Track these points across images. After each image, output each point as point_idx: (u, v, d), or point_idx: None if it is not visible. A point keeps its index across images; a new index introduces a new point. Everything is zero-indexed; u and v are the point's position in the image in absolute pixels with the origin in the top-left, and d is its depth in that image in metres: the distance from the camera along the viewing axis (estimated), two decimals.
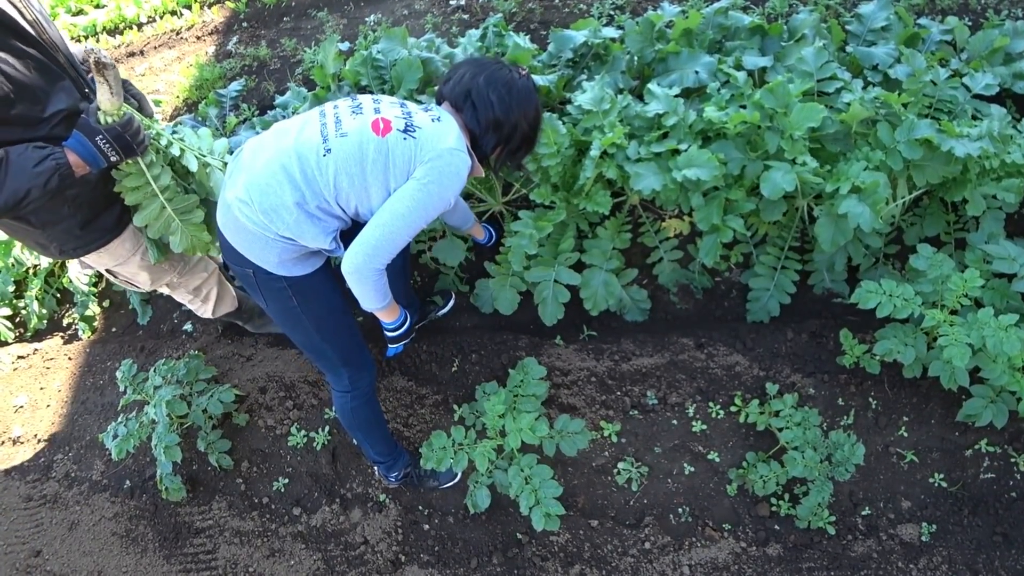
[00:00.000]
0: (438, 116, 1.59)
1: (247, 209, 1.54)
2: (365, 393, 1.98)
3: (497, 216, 2.56)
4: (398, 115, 1.55)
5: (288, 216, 1.52)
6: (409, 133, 1.53)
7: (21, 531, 2.65)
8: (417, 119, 1.56)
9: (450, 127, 1.57)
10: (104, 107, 1.50)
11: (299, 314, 1.75)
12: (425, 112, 1.59)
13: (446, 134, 1.55)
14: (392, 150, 1.51)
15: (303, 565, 2.29)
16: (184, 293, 2.21)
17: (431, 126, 1.55)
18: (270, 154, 1.55)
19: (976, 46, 2.46)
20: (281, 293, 1.70)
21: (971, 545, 2.01)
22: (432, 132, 1.54)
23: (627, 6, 3.13)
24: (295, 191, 1.51)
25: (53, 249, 1.75)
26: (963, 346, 1.84)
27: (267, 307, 1.79)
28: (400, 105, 1.60)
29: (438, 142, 1.53)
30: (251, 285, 1.73)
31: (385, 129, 1.52)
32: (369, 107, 1.58)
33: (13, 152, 1.41)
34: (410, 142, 1.52)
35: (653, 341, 2.36)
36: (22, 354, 3.19)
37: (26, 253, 3.05)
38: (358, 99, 1.63)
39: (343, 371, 1.90)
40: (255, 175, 1.54)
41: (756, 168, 2.11)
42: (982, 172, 2.09)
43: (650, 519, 2.15)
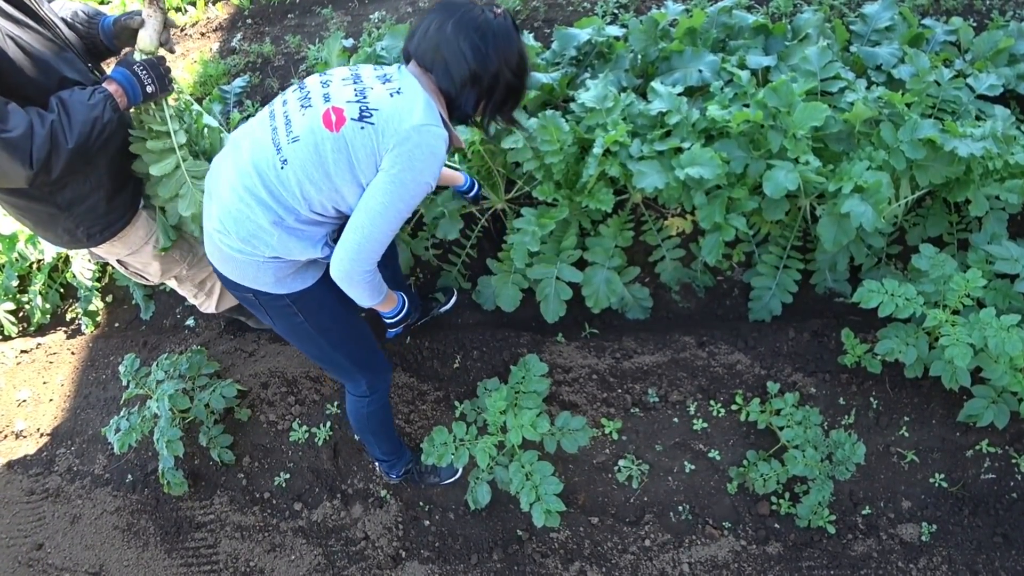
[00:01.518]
0: (398, 88, 1.38)
1: (227, 239, 1.47)
2: (382, 397, 1.94)
3: (499, 213, 2.56)
4: (351, 98, 1.37)
5: (270, 238, 1.44)
6: (366, 119, 1.34)
7: (23, 524, 2.66)
8: (373, 97, 1.36)
9: (414, 98, 1.36)
10: (143, 43, 1.62)
11: (308, 329, 1.67)
12: (383, 84, 1.39)
13: (409, 109, 1.35)
14: (351, 144, 1.35)
15: (304, 560, 2.30)
16: (190, 287, 2.22)
17: (390, 104, 1.35)
18: (231, 176, 1.45)
19: (980, 47, 2.46)
20: (285, 311, 1.62)
21: (971, 545, 2.01)
22: (392, 111, 1.34)
23: (631, 4, 3.13)
24: (268, 212, 1.41)
25: (81, 234, 1.77)
26: (965, 346, 1.84)
27: (275, 327, 1.73)
28: (353, 81, 1.41)
29: (401, 122, 1.34)
30: (254, 307, 1.66)
31: (339, 121, 1.35)
32: (318, 95, 1.40)
33: (64, 94, 1.49)
34: (368, 130, 1.34)
35: (655, 339, 2.36)
36: (25, 348, 3.20)
37: (30, 247, 3.06)
38: (306, 86, 1.45)
39: (361, 378, 1.85)
40: (224, 203, 1.45)
41: (759, 167, 2.11)
42: (985, 173, 2.09)
43: (650, 517, 2.15)
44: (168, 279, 2.12)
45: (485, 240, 2.64)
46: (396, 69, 1.44)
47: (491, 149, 2.31)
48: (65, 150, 1.47)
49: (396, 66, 1.46)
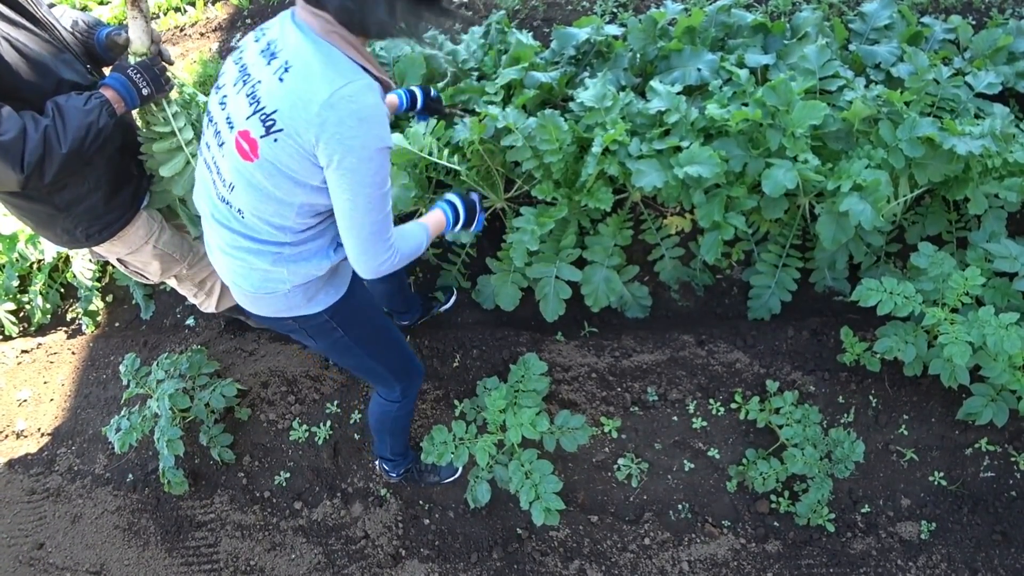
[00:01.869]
0: (284, 63, 1.15)
1: (246, 290, 1.44)
2: (411, 401, 1.94)
3: (499, 212, 2.56)
4: (248, 111, 1.20)
5: (280, 274, 1.38)
6: (272, 131, 1.16)
7: (24, 524, 2.66)
8: (266, 95, 1.17)
9: (306, 67, 1.13)
10: (134, 47, 1.61)
11: (348, 343, 1.62)
12: (269, 66, 1.18)
13: (307, 86, 1.12)
14: (276, 161, 1.19)
15: (304, 559, 2.30)
16: (190, 286, 2.22)
17: (284, 93, 1.14)
18: (215, 237, 1.41)
19: (979, 45, 2.45)
20: (325, 327, 1.56)
21: (970, 543, 2.01)
22: (290, 102, 1.14)
23: (629, 3, 3.13)
24: (261, 255, 1.35)
25: (80, 234, 1.78)
26: (964, 344, 1.84)
27: (315, 346, 1.69)
28: (243, 82, 1.22)
29: (306, 108, 1.12)
30: (296, 332, 1.61)
31: (252, 147, 1.20)
32: (223, 123, 1.26)
33: (61, 99, 1.50)
34: (282, 140, 1.16)
35: (654, 338, 2.37)
36: (26, 348, 3.21)
37: (31, 247, 3.06)
38: (213, 118, 1.31)
39: (397, 384, 1.82)
40: (223, 265, 1.43)
41: (758, 166, 2.11)
42: (984, 171, 2.09)
43: (650, 515, 2.16)
44: (168, 278, 2.12)
45: (484, 239, 2.64)
46: (280, 27, 1.22)
47: (490, 148, 2.31)
48: (58, 155, 1.47)
49: (279, 22, 1.23)
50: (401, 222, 2.60)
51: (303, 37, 1.16)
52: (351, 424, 2.44)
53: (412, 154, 2.18)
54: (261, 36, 1.25)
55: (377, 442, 2.09)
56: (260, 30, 1.27)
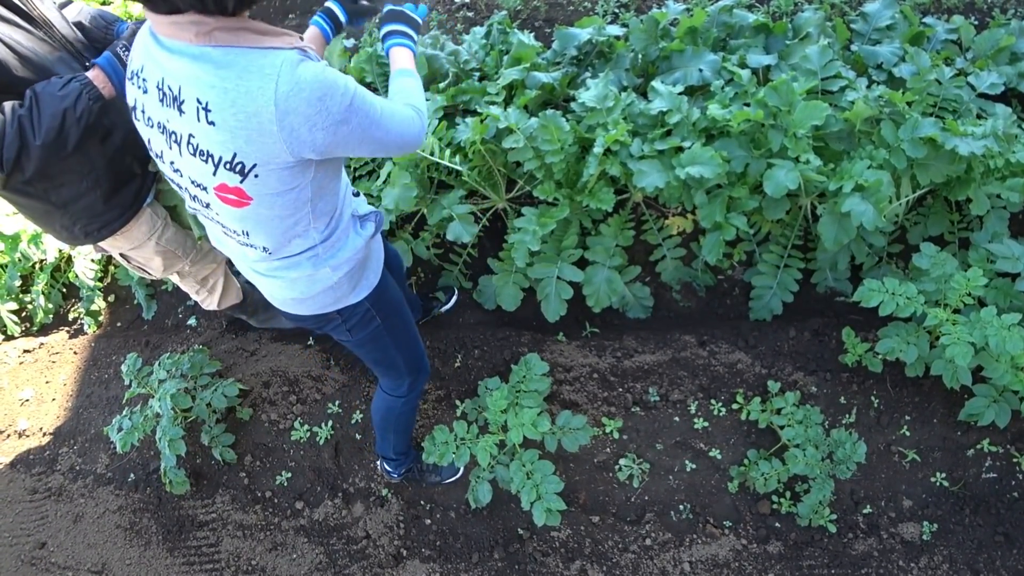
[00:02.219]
0: (198, 103, 1.00)
1: (294, 296, 1.40)
2: (416, 397, 1.95)
3: (500, 212, 2.56)
4: (209, 168, 1.07)
5: (324, 274, 1.36)
6: (247, 172, 1.05)
7: (26, 523, 2.67)
8: (216, 146, 1.03)
9: (225, 87, 0.98)
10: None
11: (382, 332, 1.61)
12: (194, 120, 1.02)
13: (246, 106, 0.98)
14: (271, 190, 1.10)
15: (305, 559, 2.30)
16: (192, 283, 2.22)
17: (227, 133, 1.00)
18: (243, 265, 1.38)
19: (982, 45, 2.45)
20: (366, 316, 1.55)
21: (972, 545, 2.01)
22: (243, 136, 1.00)
23: (631, 4, 3.13)
24: (301, 267, 1.32)
25: (78, 231, 1.77)
26: (966, 345, 1.84)
27: (351, 340, 1.63)
28: (176, 143, 1.08)
29: (261, 130, 0.99)
30: (335, 327, 1.57)
31: (238, 194, 1.10)
32: (197, 190, 1.15)
33: (39, 86, 1.46)
34: (263, 173, 1.06)
35: (655, 338, 2.37)
36: (28, 348, 3.21)
37: (33, 248, 3.06)
38: (179, 184, 1.19)
39: (408, 378, 1.82)
40: (261, 283, 1.40)
41: (759, 166, 2.11)
42: (986, 171, 2.09)
43: (651, 516, 2.15)
44: (170, 274, 2.12)
45: (486, 239, 2.64)
46: (153, 61, 1.04)
47: (492, 148, 2.31)
48: (34, 147, 1.42)
49: (145, 53, 1.06)
50: (405, 222, 2.62)
51: (189, 62, 0.99)
52: (352, 424, 2.44)
53: (413, 154, 2.18)
54: (143, 83, 1.09)
55: (380, 440, 2.09)
56: (133, 75, 1.11)
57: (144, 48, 1.07)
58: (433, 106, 2.33)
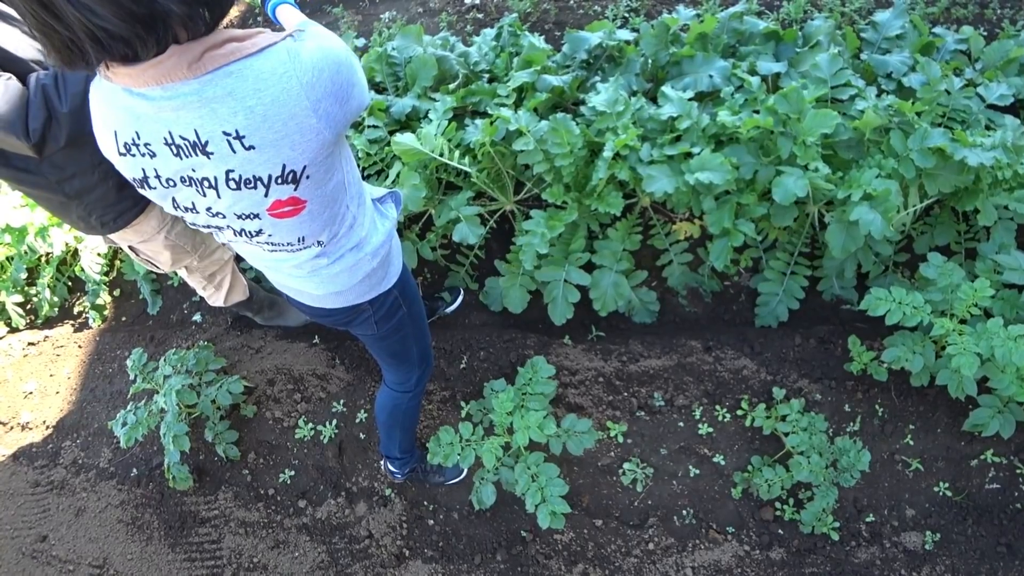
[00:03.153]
0: (229, 134, 0.93)
1: (338, 289, 1.38)
2: (421, 393, 1.94)
3: (508, 215, 2.57)
4: (259, 194, 1.02)
5: (364, 260, 1.34)
6: (300, 176, 1.02)
7: (28, 516, 2.67)
8: (261, 167, 0.98)
9: (250, 109, 0.92)
10: None
11: (406, 321, 1.59)
12: (228, 154, 0.96)
13: (277, 114, 0.93)
14: (320, 182, 1.07)
15: (307, 557, 2.30)
16: (199, 278, 2.22)
17: (270, 149, 0.96)
18: (291, 281, 1.35)
19: (991, 56, 2.46)
20: (394, 305, 1.53)
21: (975, 555, 2.01)
22: (288, 143, 0.96)
23: (641, 9, 3.14)
24: (343, 260, 1.30)
25: (95, 221, 1.77)
26: (972, 355, 1.84)
27: (376, 333, 1.59)
28: (213, 188, 1.02)
29: (301, 126, 0.96)
30: (364, 320, 1.53)
31: (294, 202, 1.06)
32: (245, 223, 1.09)
33: (31, 79, 1.43)
34: (313, 170, 1.03)
35: (661, 343, 2.37)
36: (33, 341, 3.21)
37: (39, 241, 3.07)
38: (221, 233, 1.15)
39: (416, 371, 1.81)
40: (307, 284, 1.35)
41: (768, 173, 2.11)
42: (994, 182, 2.09)
43: (654, 520, 2.16)
44: (178, 269, 2.12)
45: (493, 241, 2.64)
46: (150, 118, 0.94)
47: (501, 151, 2.31)
48: (61, 114, 1.43)
49: (133, 120, 0.96)
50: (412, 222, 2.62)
51: (193, 101, 0.90)
52: (357, 423, 2.45)
53: (423, 155, 2.19)
54: (145, 149, 0.98)
55: (385, 439, 2.09)
56: (129, 147, 0.99)
57: (125, 115, 0.96)
58: (443, 107, 2.34)
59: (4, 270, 3.29)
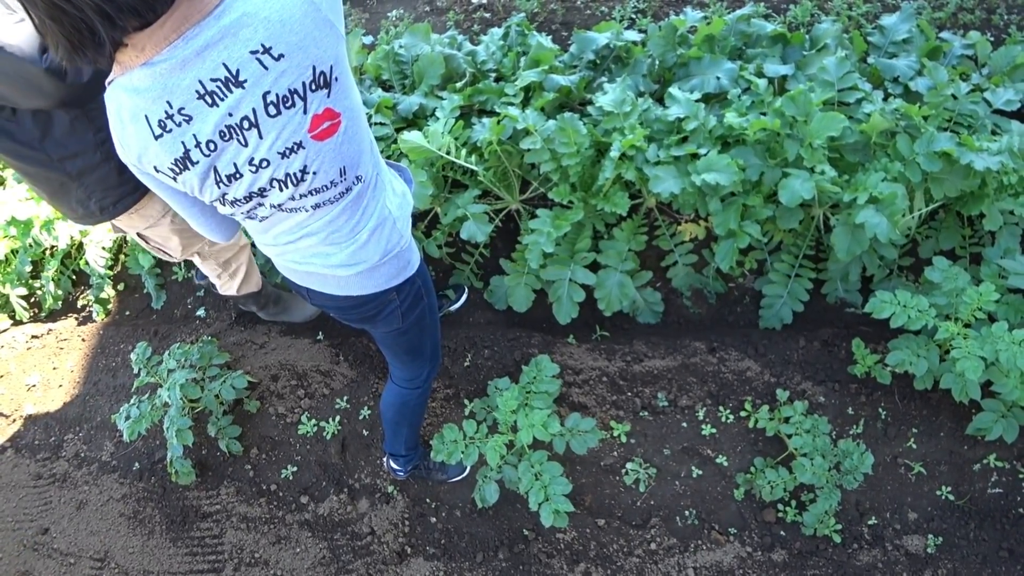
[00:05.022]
0: (260, 49, 0.95)
1: (372, 260, 1.34)
2: (429, 388, 1.94)
3: (514, 214, 2.57)
4: (296, 113, 1.02)
5: (392, 225, 1.33)
6: (331, 78, 1.02)
7: (30, 508, 2.67)
8: (287, 78, 0.98)
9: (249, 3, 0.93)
10: None
11: (426, 312, 1.59)
12: (260, 77, 0.96)
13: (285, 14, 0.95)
14: (348, 84, 1.07)
15: (309, 553, 2.30)
16: (213, 264, 2.20)
17: (294, 54, 0.97)
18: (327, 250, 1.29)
19: (998, 61, 2.46)
20: (418, 294, 1.52)
21: (977, 559, 2.01)
22: (306, 38, 0.97)
23: (649, 10, 3.15)
24: (378, 211, 1.28)
25: (94, 206, 1.74)
26: (976, 359, 1.84)
27: (400, 327, 1.57)
28: (254, 123, 1.01)
29: (296, 5, 0.95)
30: (391, 315, 1.51)
31: (330, 116, 1.06)
32: (289, 160, 1.07)
33: None
34: (339, 73, 1.03)
35: (665, 344, 2.37)
36: (36, 334, 3.22)
37: (44, 234, 3.07)
38: (266, 172, 1.07)
39: (426, 366, 1.80)
40: (340, 254, 1.30)
41: (775, 175, 2.12)
42: (1000, 187, 2.09)
43: (656, 520, 2.16)
44: (191, 255, 2.09)
45: (499, 240, 2.65)
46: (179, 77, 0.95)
47: (508, 150, 2.32)
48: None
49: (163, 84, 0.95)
50: (419, 220, 2.62)
51: (216, 36, 0.93)
52: (360, 420, 2.45)
53: (430, 152, 2.19)
54: (180, 116, 0.99)
55: (391, 437, 2.10)
56: (164, 123, 0.99)
57: (152, 94, 0.97)
58: (450, 105, 2.34)
59: (9, 263, 3.29)
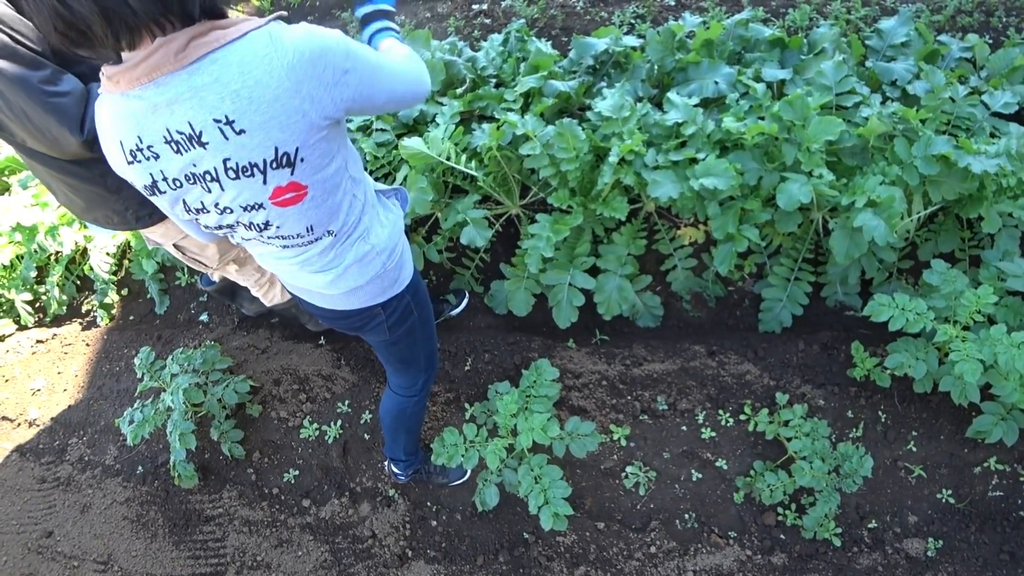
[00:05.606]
0: (219, 120, 0.95)
1: (357, 283, 1.37)
2: (426, 396, 1.95)
3: (514, 218, 2.58)
4: (257, 181, 1.03)
5: (374, 255, 1.34)
6: (294, 160, 1.03)
7: (34, 512, 2.69)
8: (252, 152, 0.99)
9: (226, 70, 0.93)
10: None
11: (416, 326, 1.60)
12: (220, 142, 0.98)
13: (253, 75, 0.93)
14: (319, 167, 1.08)
15: (310, 556, 2.32)
16: (251, 272, 2.21)
17: (260, 131, 0.97)
18: (302, 279, 1.34)
19: (996, 64, 2.47)
20: (407, 309, 1.53)
21: (977, 562, 2.01)
22: (276, 123, 0.97)
23: (648, 15, 3.16)
24: (353, 248, 1.29)
25: (130, 216, 1.78)
26: (975, 362, 1.85)
27: (388, 339, 1.59)
28: (214, 179, 1.03)
29: (286, 109, 0.96)
30: (376, 324, 1.53)
31: (294, 188, 1.07)
32: (251, 214, 1.10)
33: (93, 87, 1.47)
34: (307, 153, 1.03)
35: (665, 347, 2.38)
36: (41, 338, 3.24)
37: (49, 239, 3.10)
38: (235, 229, 1.16)
39: (422, 375, 1.81)
40: (319, 280, 1.34)
41: (773, 179, 2.13)
42: (999, 190, 2.10)
43: (656, 524, 2.16)
44: (227, 265, 2.12)
45: (499, 245, 2.66)
46: (146, 115, 0.97)
47: (507, 155, 2.33)
48: None
49: (134, 118, 0.98)
50: (419, 225, 2.64)
51: (184, 91, 0.93)
52: (361, 424, 2.46)
53: (430, 158, 2.21)
54: (148, 151, 1.01)
55: (390, 442, 2.11)
56: (135, 154, 1.03)
57: (126, 122, 0.99)
58: (450, 111, 2.36)
59: (14, 268, 3.32)
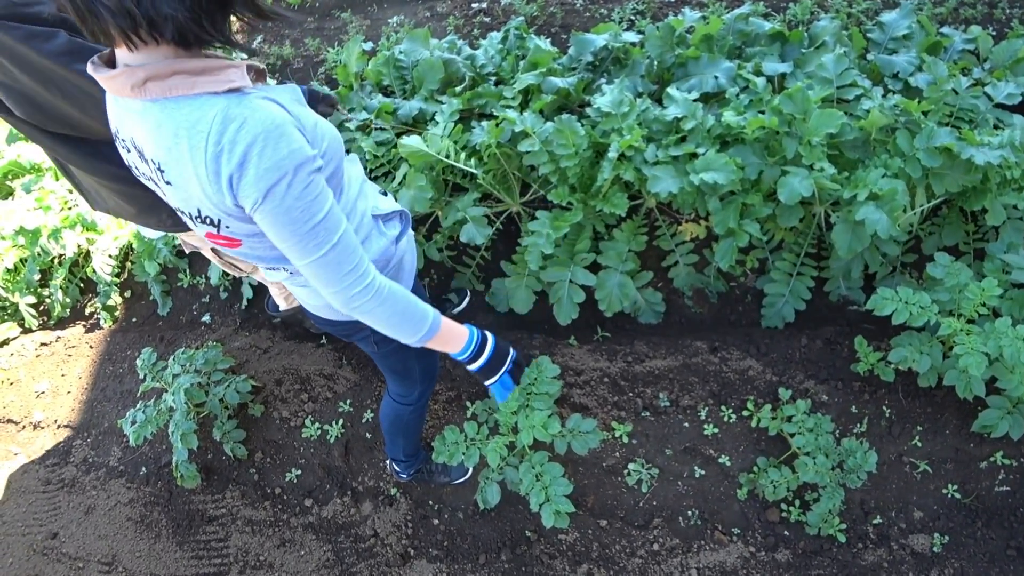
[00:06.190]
0: (153, 162, 0.97)
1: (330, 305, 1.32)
2: (425, 405, 1.95)
3: (514, 216, 2.58)
4: (180, 208, 1.04)
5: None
6: (205, 221, 1.02)
7: (39, 513, 2.70)
8: (170, 192, 1.00)
9: (167, 125, 0.91)
10: None
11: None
12: (152, 159, 0.97)
13: (185, 143, 0.90)
14: (247, 232, 1.05)
15: (313, 556, 2.31)
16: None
17: (176, 167, 0.94)
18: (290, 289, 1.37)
19: (999, 56, 2.45)
20: None
21: (984, 558, 1.99)
22: (187, 176, 0.94)
23: (647, 11, 3.15)
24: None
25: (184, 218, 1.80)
26: (980, 355, 1.83)
27: (377, 350, 1.59)
28: (163, 190, 1.03)
29: (192, 163, 0.92)
30: (364, 340, 1.54)
31: (225, 239, 1.07)
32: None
33: None
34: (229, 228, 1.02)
35: (667, 344, 2.37)
36: (45, 341, 3.26)
37: (52, 242, 3.11)
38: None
39: (418, 388, 1.81)
40: (301, 293, 1.37)
41: (774, 173, 2.11)
42: (1003, 182, 2.08)
43: (659, 521, 2.15)
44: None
45: (499, 242, 2.66)
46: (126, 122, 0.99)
47: (507, 152, 2.33)
48: None
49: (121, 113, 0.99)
50: (419, 224, 2.64)
51: (137, 119, 0.94)
52: (363, 423, 2.46)
53: (430, 156, 2.20)
54: (123, 143, 1.04)
55: (389, 443, 2.11)
56: (117, 138, 1.06)
57: (111, 110, 1.03)
58: (449, 109, 2.36)
59: (18, 271, 3.34)
